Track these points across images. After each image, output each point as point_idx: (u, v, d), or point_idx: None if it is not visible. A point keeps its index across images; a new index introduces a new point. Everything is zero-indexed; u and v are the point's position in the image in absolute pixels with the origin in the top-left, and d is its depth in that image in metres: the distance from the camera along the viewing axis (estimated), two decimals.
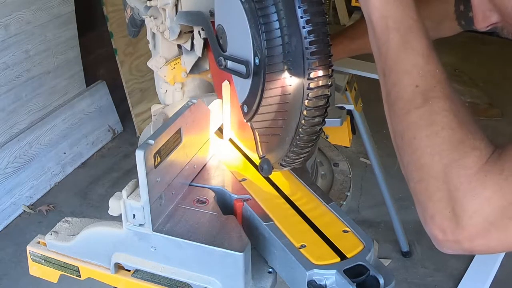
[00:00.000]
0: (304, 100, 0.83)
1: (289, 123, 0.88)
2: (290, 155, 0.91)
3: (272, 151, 0.95)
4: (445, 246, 0.72)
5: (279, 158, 0.94)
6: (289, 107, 0.87)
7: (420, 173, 0.72)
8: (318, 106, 0.85)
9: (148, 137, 0.85)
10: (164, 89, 1.28)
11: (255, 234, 0.91)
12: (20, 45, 2.84)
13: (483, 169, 0.67)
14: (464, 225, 0.68)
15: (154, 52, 1.26)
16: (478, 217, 0.67)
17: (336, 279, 0.79)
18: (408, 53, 0.74)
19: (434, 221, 0.71)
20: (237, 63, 0.92)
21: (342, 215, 0.92)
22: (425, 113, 0.72)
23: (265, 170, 0.98)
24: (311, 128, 0.86)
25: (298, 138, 0.88)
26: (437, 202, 0.70)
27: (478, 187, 0.67)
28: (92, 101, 3.41)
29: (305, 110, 0.84)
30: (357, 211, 2.94)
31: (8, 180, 2.84)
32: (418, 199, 0.74)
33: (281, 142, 0.91)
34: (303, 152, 0.91)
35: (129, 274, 0.94)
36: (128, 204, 0.87)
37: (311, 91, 0.82)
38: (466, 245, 0.69)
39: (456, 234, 0.69)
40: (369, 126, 2.42)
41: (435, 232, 0.71)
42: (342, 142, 1.80)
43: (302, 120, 0.85)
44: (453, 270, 2.58)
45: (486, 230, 0.67)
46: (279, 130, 0.91)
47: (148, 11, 1.19)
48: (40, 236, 1.04)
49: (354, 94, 2.15)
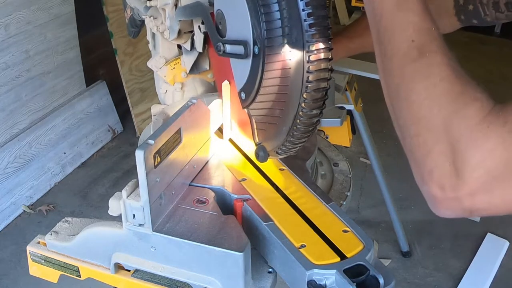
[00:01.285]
0: (304, 87, 0.84)
1: (287, 113, 0.89)
2: (286, 144, 0.93)
3: (269, 139, 0.96)
4: (443, 206, 0.68)
5: (275, 146, 0.95)
6: (288, 98, 0.87)
7: (417, 127, 0.69)
8: (316, 98, 0.85)
9: (148, 137, 0.85)
10: (164, 89, 1.28)
11: (255, 234, 0.91)
12: (20, 45, 2.84)
13: (485, 120, 0.63)
14: (465, 178, 0.64)
15: (154, 52, 1.26)
16: (480, 169, 0.63)
17: (336, 279, 0.79)
18: (404, 11, 0.71)
19: (432, 177, 0.67)
20: (236, 45, 0.93)
21: (342, 215, 0.92)
22: (422, 66, 0.69)
23: (261, 157, 0.98)
24: (309, 119, 0.87)
25: (296, 129, 0.88)
26: (436, 156, 0.66)
27: (481, 138, 0.63)
28: (92, 101, 3.41)
29: (304, 103, 0.85)
30: (357, 211, 2.94)
31: (8, 180, 2.84)
32: (415, 156, 0.70)
33: (278, 131, 0.92)
34: (299, 142, 0.92)
35: (129, 274, 0.94)
36: (128, 204, 0.87)
37: (311, 74, 0.83)
38: (467, 202, 0.65)
39: (456, 190, 0.65)
40: (369, 126, 2.42)
41: (433, 190, 0.67)
42: (342, 142, 1.80)
43: (300, 112, 0.86)
44: (453, 270, 2.58)
45: (489, 184, 0.63)
46: (276, 120, 0.92)
47: (148, 11, 1.19)
48: (40, 236, 1.04)
49: (354, 94, 2.15)
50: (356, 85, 2.18)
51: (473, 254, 2.65)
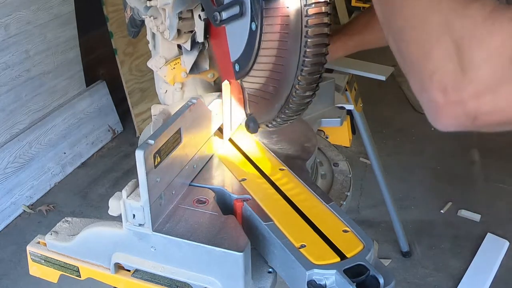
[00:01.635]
0: (299, 69, 0.85)
1: (280, 92, 0.90)
2: (277, 120, 0.95)
3: (260, 113, 0.98)
4: (445, 113, 0.64)
5: (266, 120, 0.97)
6: (282, 77, 0.89)
7: (416, 32, 0.65)
8: (311, 82, 0.87)
9: (148, 137, 0.85)
10: (164, 89, 1.28)
11: (255, 234, 0.91)
12: (20, 45, 2.84)
13: (490, 17, 0.60)
14: (470, 77, 0.60)
15: (154, 52, 1.26)
16: (486, 67, 0.59)
17: (336, 279, 0.79)
18: None
19: (433, 81, 0.63)
20: (231, 9, 0.93)
21: (342, 215, 0.92)
22: None
23: (252, 127, 1.00)
24: (302, 100, 0.89)
25: (288, 107, 0.90)
26: (437, 57, 0.63)
27: (486, 36, 0.59)
28: (92, 101, 3.41)
29: (298, 85, 0.86)
30: (357, 211, 2.94)
31: (8, 180, 2.84)
32: (412, 62, 0.66)
33: (270, 107, 0.94)
34: (291, 119, 0.94)
35: (129, 274, 0.94)
36: (128, 204, 0.87)
37: (308, 49, 0.83)
38: (471, 104, 0.61)
39: (460, 91, 0.61)
40: (369, 126, 2.42)
41: (434, 95, 0.63)
42: (342, 142, 1.80)
43: (294, 92, 0.87)
44: (453, 270, 2.58)
45: (494, 82, 0.60)
46: (269, 95, 0.93)
47: (148, 11, 1.19)
48: (40, 236, 1.04)
49: (354, 94, 2.15)
50: (356, 85, 2.18)
51: (473, 254, 2.65)
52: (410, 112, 3.97)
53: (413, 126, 3.77)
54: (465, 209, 2.95)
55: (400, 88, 4.32)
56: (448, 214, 2.92)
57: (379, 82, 2.17)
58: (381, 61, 2.26)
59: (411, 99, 4.14)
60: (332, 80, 1.47)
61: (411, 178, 3.21)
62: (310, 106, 1.39)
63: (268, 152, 1.11)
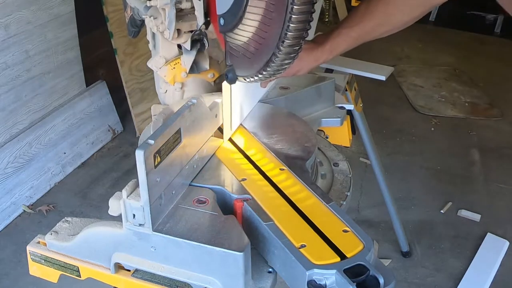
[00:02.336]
0: (283, 34, 0.86)
1: (260, 55, 0.92)
2: (255, 78, 0.97)
3: (239, 68, 0.99)
4: None
5: (244, 75, 0.99)
6: (265, 42, 0.90)
7: None
8: (291, 52, 0.88)
9: (148, 137, 0.85)
10: (164, 89, 1.28)
11: (255, 234, 0.91)
12: (20, 45, 2.84)
13: None
14: None
15: (154, 52, 1.26)
16: None
17: (336, 279, 0.79)
18: None
19: None
20: None
21: (342, 215, 0.92)
22: None
23: (230, 78, 1.01)
24: (280, 66, 0.90)
25: (266, 70, 0.92)
26: None
27: None
28: (92, 101, 3.41)
29: (279, 52, 0.87)
30: (357, 211, 2.94)
31: (8, 180, 2.84)
32: None
33: (249, 66, 0.96)
34: (268, 78, 0.96)
35: (129, 274, 0.94)
36: (128, 204, 0.87)
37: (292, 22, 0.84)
38: None
39: None
40: (369, 126, 2.42)
41: None
42: (342, 142, 1.80)
43: (274, 58, 0.89)
44: (453, 270, 2.58)
45: None
46: (249, 55, 0.94)
47: (148, 11, 1.19)
48: (40, 236, 1.04)
49: (354, 94, 2.15)
50: (356, 85, 2.18)
51: (473, 254, 2.65)
52: (410, 112, 3.97)
53: (413, 126, 3.77)
54: (465, 209, 2.95)
55: (400, 88, 4.32)
56: (448, 214, 2.92)
57: (379, 82, 2.17)
58: (381, 61, 2.27)
59: (411, 99, 4.14)
60: (332, 80, 1.47)
61: (411, 178, 3.21)
62: (310, 106, 1.41)
63: (268, 152, 1.11)
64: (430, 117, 3.89)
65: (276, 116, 1.30)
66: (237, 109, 1.17)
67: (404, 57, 4.91)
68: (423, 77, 4.50)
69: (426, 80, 4.45)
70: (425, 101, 4.13)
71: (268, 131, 1.20)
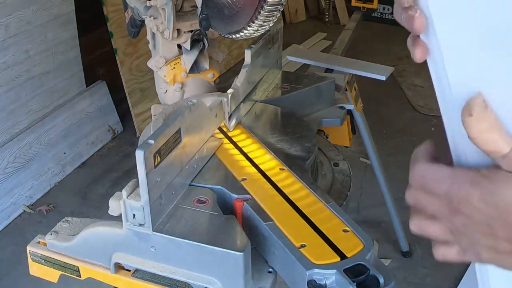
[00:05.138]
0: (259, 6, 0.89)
1: (233, 21, 0.95)
2: (227, 38, 1.01)
3: (213, 25, 1.02)
4: None
5: (221, 31, 1.03)
6: (240, 10, 0.93)
7: None
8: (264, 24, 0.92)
9: (148, 137, 0.85)
10: (164, 89, 1.28)
11: (255, 234, 0.91)
12: (20, 45, 2.84)
13: None
14: None
15: (154, 52, 1.26)
16: None
17: (336, 279, 0.79)
18: None
19: None
20: None
21: (342, 214, 0.92)
22: None
23: (204, 25, 1.04)
24: (252, 34, 0.95)
25: (237, 35, 0.96)
26: None
27: None
28: (92, 101, 3.41)
29: (255, 20, 0.91)
30: (357, 211, 2.94)
31: (8, 180, 2.84)
32: None
33: (222, 27, 0.99)
34: (239, 40, 1.00)
35: (129, 274, 0.94)
36: (128, 204, 0.87)
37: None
38: None
39: None
40: (369, 126, 2.42)
41: None
42: (342, 142, 1.80)
43: (248, 27, 0.93)
44: (453, 270, 2.58)
45: None
46: (224, 16, 0.98)
47: (148, 11, 1.19)
48: (40, 236, 1.04)
49: (354, 94, 2.15)
50: (356, 85, 2.18)
51: None
52: (410, 112, 3.97)
53: (413, 126, 3.77)
54: None
55: (400, 88, 4.32)
56: None
57: (379, 82, 2.17)
58: (381, 61, 2.26)
59: (411, 99, 4.14)
60: (332, 80, 1.47)
61: None
62: (310, 106, 1.41)
63: (268, 152, 1.11)
64: (430, 117, 3.89)
65: (276, 116, 1.30)
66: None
67: (404, 57, 4.90)
68: (423, 77, 4.50)
69: (426, 80, 4.45)
70: (425, 101, 4.13)
71: (268, 131, 1.20)
